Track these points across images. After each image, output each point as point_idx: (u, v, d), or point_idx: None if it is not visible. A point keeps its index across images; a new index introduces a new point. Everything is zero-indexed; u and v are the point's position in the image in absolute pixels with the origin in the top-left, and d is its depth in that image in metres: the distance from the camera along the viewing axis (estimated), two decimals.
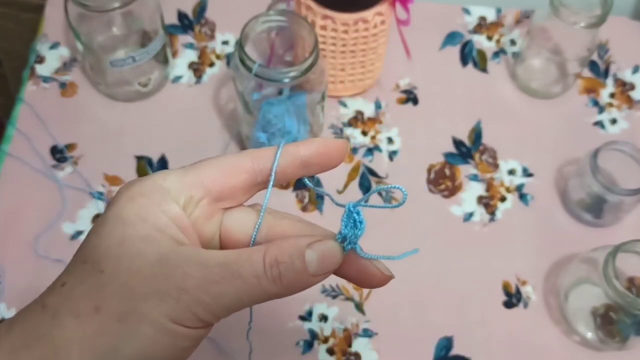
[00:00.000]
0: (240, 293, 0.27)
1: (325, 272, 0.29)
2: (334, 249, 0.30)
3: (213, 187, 0.30)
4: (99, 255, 0.27)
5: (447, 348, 0.58)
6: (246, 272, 0.28)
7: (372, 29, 0.62)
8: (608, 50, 0.75)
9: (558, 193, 0.66)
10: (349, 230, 0.30)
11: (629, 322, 0.56)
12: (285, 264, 0.28)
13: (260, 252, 0.28)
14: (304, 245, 0.29)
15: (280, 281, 0.28)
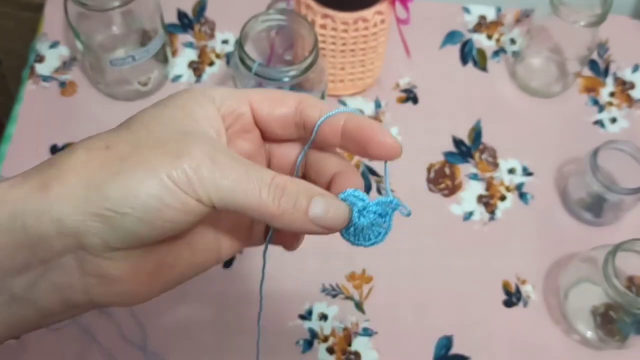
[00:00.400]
0: (237, 186, 0.28)
1: (323, 226, 0.30)
2: (343, 212, 0.30)
3: (257, 109, 0.32)
4: (133, 120, 0.30)
5: (447, 347, 0.58)
6: (252, 173, 0.28)
7: (372, 28, 0.62)
8: (608, 49, 0.75)
9: (558, 192, 0.66)
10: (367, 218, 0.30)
11: (628, 321, 0.56)
12: (291, 194, 0.29)
13: (271, 171, 0.29)
14: (317, 192, 0.30)
15: (279, 204, 0.29)
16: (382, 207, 0.30)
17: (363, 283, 0.60)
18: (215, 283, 0.60)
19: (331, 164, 0.34)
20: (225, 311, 0.58)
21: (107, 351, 0.56)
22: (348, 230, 0.31)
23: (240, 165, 0.29)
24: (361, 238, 0.31)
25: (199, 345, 0.57)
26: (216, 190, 0.28)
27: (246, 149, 0.34)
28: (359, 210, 0.30)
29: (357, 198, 0.30)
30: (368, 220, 0.30)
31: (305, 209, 0.29)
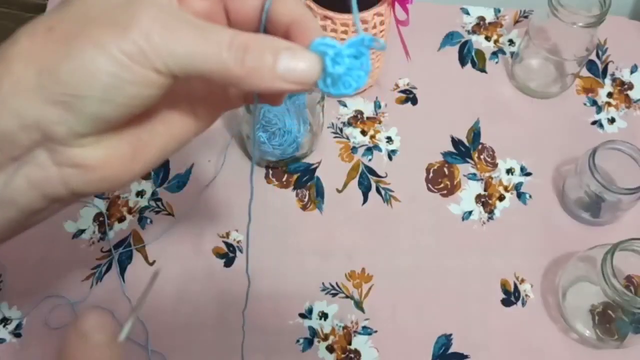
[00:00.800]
0: (194, 50, 0.26)
1: (295, 82, 0.27)
2: (314, 63, 0.28)
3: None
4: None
5: (446, 345, 0.58)
6: (210, 34, 0.26)
7: (371, 30, 0.63)
8: (606, 49, 0.75)
9: (556, 192, 0.66)
10: (342, 65, 0.28)
11: (626, 320, 0.56)
12: (255, 50, 0.27)
13: (231, 31, 0.27)
14: (283, 46, 0.27)
15: (243, 62, 0.26)
16: (356, 47, 0.28)
17: (363, 282, 0.61)
18: (216, 283, 0.60)
19: (285, 10, 0.31)
20: (225, 310, 0.58)
21: None
22: (325, 81, 0.28)
23: (195, 27, 0.26)
24: (341, 86, 0.29)
25: (200, 344, 0.57)
26: (172, 57, 0.26)
27: (202, 7, 0.31)
28: (331, 58, 0.28)
29: (327, 46, 0.28)
30: (344, 67, 0.28)
31: (272, 65, 0.27)
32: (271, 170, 0.66)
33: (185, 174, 0.66)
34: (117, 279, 0.59)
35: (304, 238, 0.62)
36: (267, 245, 0.62)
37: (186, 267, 0.60)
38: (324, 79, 0.28)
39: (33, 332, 0.57)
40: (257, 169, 0.66)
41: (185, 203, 0.64)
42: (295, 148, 0.63)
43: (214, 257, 0.61)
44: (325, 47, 0.28)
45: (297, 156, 0.65)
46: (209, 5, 0.31)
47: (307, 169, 0.66)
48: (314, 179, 0.66)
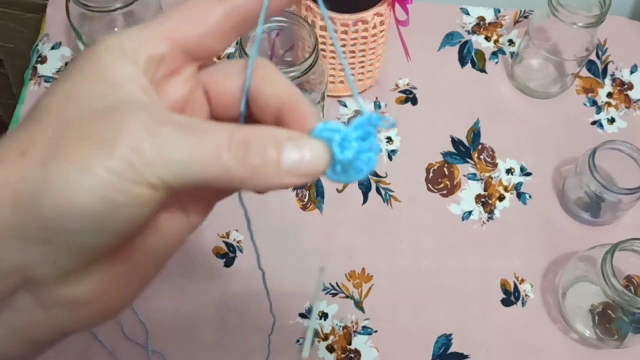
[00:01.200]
0: (192, 157, 0.23)
1: (303, 175, 0.25)
2: (322, 152, 0.25)
3: (178, 38, 0.26)
4: (42, 109, 0.24)
5: (445, 345, 0.58)
6: (206, 136, 0.23)
7: (371, 30, 0.63)
8: (606, 50, 0.75)
9: (556, 192, 0.66)
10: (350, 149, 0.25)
11: (626, 320, 0.56)
12: (256, 146, 0.24)
13: (229, 127, 0.24)
14: (286, 137, 0.24)
15: (245, 162, 0.24)
16: (363, 129, 0.26)
17: (363, 282, 0.61)
18: (216, 282, 0.60)
19: (274, 92, 0.28)
20: (226, 310, 0.59)
21: (109, 350, 0.57)
22: (335, 169, 0.26)
23: (188, 130, 0.23)
24: (352, 173, 0.26)
25: (200, 343, 0.57)
26: (168, 169, 0.23)
27: (180, 95, 0.28)
28: (338, 144, 0.25)
29: (332, 131, 0.25)
30: (353, 151, 0.26)
31: (277, 161, 0.24)
32: None
33: None
34: None
35: (304, 238, 0.62)
36: (267, 245, 0.62)
37: (186, 267, 0.60)
38: (333, 167, 0.26)
39: None
40: None
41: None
42: None
43: (214, 257, 0.61)
44: (330, 133, 0.25)
45: None
46: (187, 91, 0.28)
47: None
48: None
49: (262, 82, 0.28)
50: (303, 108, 0.27)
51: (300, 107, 0.27)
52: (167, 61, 0.26)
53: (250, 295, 0.60)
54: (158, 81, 0.26)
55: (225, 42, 0.27)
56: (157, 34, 0.26)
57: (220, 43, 0.27)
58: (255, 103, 0.28)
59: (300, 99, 0.27)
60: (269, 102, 0.28)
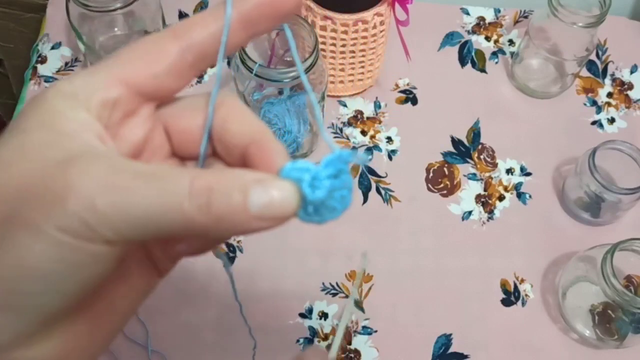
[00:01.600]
0: (152, 209, 0.22)
1: (272, 219, 0.23)
2: (291, 193, 0.24)
3: (131, 81, 0.25)
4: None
5: (445, 345, 0.58)
6: (165, 186, 0.22)
7: (371, 30, 0.63)
8: (606, 49, 0.75)
9: (556, 192, 0.66)
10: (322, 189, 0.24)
11: (626, 320, 0.56)
12: (219, 192, 0.22)
13: (190, 173, 0.23)
14: (252, 179, 0.23)
15: (208, 211, 0.22)
16: (334, 166, 0.25)
17: (363, 282, 0.61)
18: (216, 283, 0.60)
19: (241, 130, 0.26)
20: (226, 310, 0.59)
21: (109, 350, 0.57)
22: (306, 210, 0.25)
23: (145, 179, 0.22)
24: (325, 212, 0.25)
25: (201, 344, 0.57)
26: (124, 223, 0.22)
27: (138, 136, 0.26)
28: (309, 184, 0.24)
29: (302, 170, 0.24)
30: (325, 191, 0.24)
31: (243, 206, 0.22)
32: None
33: None
34: None
35: (304, 238, 0.62)
36: (267, 245, 0.62)
37: (186, 268, 0.60)
38: (305, 208, 0.25)
39: None
40: None
41: None
42: (295, 148, 0.63)
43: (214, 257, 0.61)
44: (299, 172, 0.24)
45: (297, 156, 0.65)
46: (145, 132, 0.26)
47: None
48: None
49: (226, 119, 0.27)
50: (270, 146, 0.26)
51: (267, 145, 0.26)
52: (122, 104, 0.25)
53: (251, 295, 0.60)
54: (114, 124, 0.25)
55: (183, 80, 0.26)
56: (110, 77, 0.25)
57: (178, 82, 0.26)
58: (221, 142, 0.27)
59: (268, 136, 0.26)
60: (235, 141, 0.26)
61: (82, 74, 0.25)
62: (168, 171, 0.23)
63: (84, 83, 0.24)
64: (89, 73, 0.25)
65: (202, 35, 0.25)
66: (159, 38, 0.25)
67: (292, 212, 0.24)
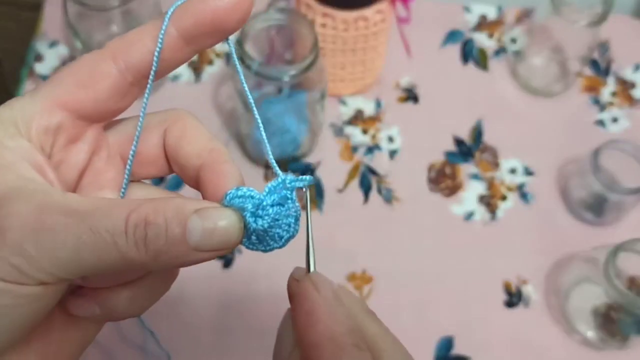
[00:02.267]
0: (83, 249, 0.21)
1: (213, 249, 0.23)
2: (233, 223, 0.23)
3: (72, 106, 0.25)
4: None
5: (447, 347, 0.58)
6: (98, 224, 0.22)
7: (372, 27, 0.62)
8: (609, 48, 0.75)
9: (559, 192, 0.66)
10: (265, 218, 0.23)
11: (629, 321, 0.56)
12: (156, 226, 0.22)
13: (125, 207, 0.22)
14: (191, 210, 0.23)
15: (145, 247, 0.22)
16: (278, 193, 0.24)
17: (363, 283, 0.60)
18: (216, 283, 0.59)
19: (193, 151, 0.26)
20: (225, 311, 0.58)
21: (108, 352, 0.56)
22: (250, 239, 0.25)
23: (78, 218, 0.22)
24: (269, 241, 0.25)
25: (200, 344, 0.57)
26: (57, 265, 0.21)
27: (85, 160, 0.26)
28: (252, 212, 0.24)
29: (244, 198, 0.24)
30: (269, 219, 0.24)
31: (182, 239, 0.22)
32: (270, 170, 0.65)
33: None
34: None
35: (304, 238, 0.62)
36: None
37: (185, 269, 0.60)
38: (249, 237, 0.24)
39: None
40: (256, 168, 0.65)
41: None
42: (294, 147, 0.63)
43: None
44: (242, 201, 0.24)
45: (296, 155, 0.65)
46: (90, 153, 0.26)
47: (306, 168, 0.66)
48: (314, 179, 0.65)
49: (180, 139, 0.26)
50: (221, 170, 0.25)
51: (217, 168, 0.25)
52: (65, 129, 0.25)
53: (250, 296, 0.59)
54: (59, 150, 0.25)
55: (126, 100, 0.26)
56: (50, 103, 0.24)
57: (121, 102, 0.26)
58: (175, 162, 0.27)
59: (221, 157, 0.26)
60: (188, 162, 0.26)
61: (22, 99, 0.24)
62: (103, 205, 0.22)
63: (23, 109, 0.24)
64: (29, 98, 0.24)
65: (141, 53, 0.25)
66: (97, 59, 0.25)
67: (234, 242, 0.24)
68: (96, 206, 0.22)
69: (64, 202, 0.22)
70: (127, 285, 0.26)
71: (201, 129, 0.27)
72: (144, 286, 0.26)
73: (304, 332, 0.25)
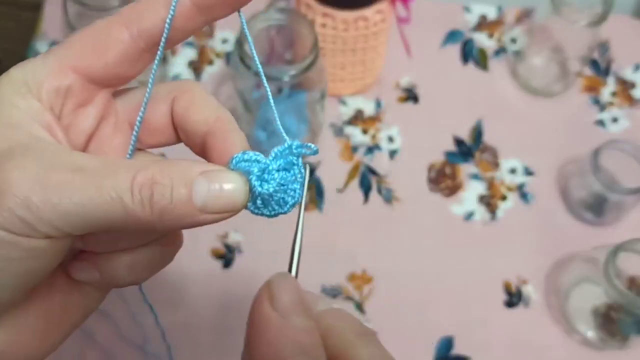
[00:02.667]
0: (89, 204, 0.21)
1: (219, 212, 0.23)
2: (238, 186, 0.23)
3: (84, 69, 0.25)
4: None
5: (447, 347, 0.58)
6: (105, 182, 0.22)
7: (372, 27, 0.62)
8: (609, 48, 0.75)
9: (559, 192, 0.66)
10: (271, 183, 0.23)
11: (629, 321, 0.56)
12: (162, 186, 0.22)
13: (132, 167, 0.22)
14: (197, 171, 0.23)
15: (151, 206, 0.22)
16: (284, 158, 0.25)
17: (363, 284, 0.60)
18: (215, 283, 0.59)
19: (200, 117, 0.26)
20: (225, 311, 0.58)
21: (107, 351, 0.56)
22: (255, 203, 0.25)
23: (85, 174, 0.22)
24: (274, 206, 0.25)
25: (199, 345, 0.57)
26: (62, 219, 0.22)
27: (93, 125, 0.26)
28: (257, 176, 0.24)
29: (250, 162, 0.24)
30: (274, 184, 0.24)
31: (187, 199, 0.22)
32: None
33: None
34: None
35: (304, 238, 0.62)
36: (266, 246, 0.61)
37: (185, 268, 0.60)
38: (254, 201, 0.24)
39: None
40: None
41: None
42: None
43: (213, 258, 0.61)
44: (248, 165, 0.24)
45: None
46: (98, 118, 0.26)
47: None
48: (314, 179, 0.65)
49: (188, 108, 0.27)
50: (227, 135, 0.26)
51: (224, 134, 0.26)
52: (75, 92, 0.25)
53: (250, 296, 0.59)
54: (68, 113, 0.25)
55: (138, 66, 0.26)
56: (62, 64, 0.25)
57: (132, 68, 0.26)
58: (183, 130, 0.27)
59: (227, 125, 0.26)
60: (195, 128, 0.26)
61: (33, 61, 0.25)
62: (111, 164, 0.22)
63: (35, 70, 0.24)
64: (42, 59, 0.25)
65: (153, 20, 0.25)
66: (109, 25, 0.25)
67: (239, 205, 0.24)
68: (103, 165, 0.22)
69: (71, 160, 0.22)
70: (128, 251, 0.26)
71: (209, 99, 0.27)
72: (144, 254, 0.26)
73: (252, 349, 0.24)
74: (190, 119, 0.27)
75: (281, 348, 0.23)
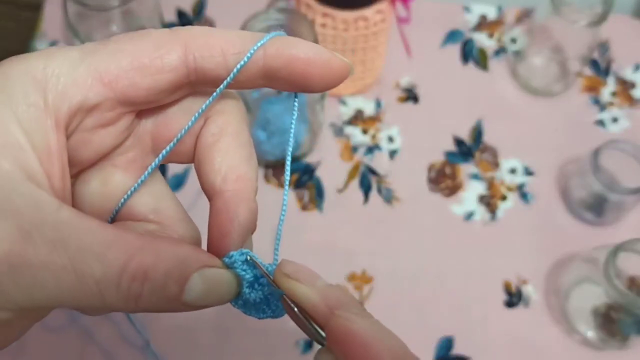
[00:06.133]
0: (63, 292, 0.19)
1: (200, 307, 0.22)
2: (228, 289, 0.22)
3: (121, 87, 0.21)
4: None
5: (447, 348, 0.58)
6: (87, 269, 0.19)
7: (372, 27, 0.62)
8: (609, 48, 0.75)
9: (559, 192, 0.66)
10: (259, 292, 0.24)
11: (629, 321, 0.56)
12: (155, 283, 0.20)
13: (123, 250, 0.19)
14: (194, 267, 0.21)
15: (136, 303, 0.20)
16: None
17: (363, 284, 0.60)
18: None
19: (222, 167, 0.24)
20: (225, 311, 0.58)
21: (107, 352, 0.56)
22: (237, 302, 0.24)
23: (64, 256, 0.19)
24: (253, 311, 0.25)
25: (199, 345, 0.57)
26: (30, 302, 0.19)
27: (109, 146, 0.23)
28: (249, 283, 0.24)
29: (248, 266, 0.24)
30: (261, 295, 0.24)
31: (177, 296, 0.20)
32: (270, 170, 0.65)
33: (183, 173, 0.65)
34: None
35: (304, 238, 0.62)
36: (266, 246, 0.61)
37: None
38: (236, 299, 0.24)
39: (31, 332, 0.56)
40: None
41: (184, 203, 0.63)
42: (294, 147, 0.63)
43: None
44: (244, 270, 0.24)
45: (296, 155, 0.65)
46: (119, 142, 0.23)
47: (306, 168, 0.66)
48: (314, 179, 0.65)
49: (213, 144, 0.23)
50: (239, 209, 0.23)
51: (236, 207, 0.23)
52: (102, 110, 0.21)
53: None
54: (85, 130, 0.21)
55: (174, 97, 0.23)
56: (95, 74, 0.20)
57: (169, 98, 0.22)
58: (198, 167, 0.24)
59: (244, 194, 0.23)
60: (210, 178, 0.24)
61: (61, 59, 0.20)
62: (99, 241, 0.19)
63: (61, 70, 0.20)
64: (77, 59, 0.20)
65: (217, 63, 0.22)
66: (166, 44, 0.21)
67: (224, 303, 0.23)
68: (90, 239, 0.19)
69: (53, 223, 0.19)
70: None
71: (241, 138, 0.24)
72: None
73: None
74: (210, 161, 0.23)
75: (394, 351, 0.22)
